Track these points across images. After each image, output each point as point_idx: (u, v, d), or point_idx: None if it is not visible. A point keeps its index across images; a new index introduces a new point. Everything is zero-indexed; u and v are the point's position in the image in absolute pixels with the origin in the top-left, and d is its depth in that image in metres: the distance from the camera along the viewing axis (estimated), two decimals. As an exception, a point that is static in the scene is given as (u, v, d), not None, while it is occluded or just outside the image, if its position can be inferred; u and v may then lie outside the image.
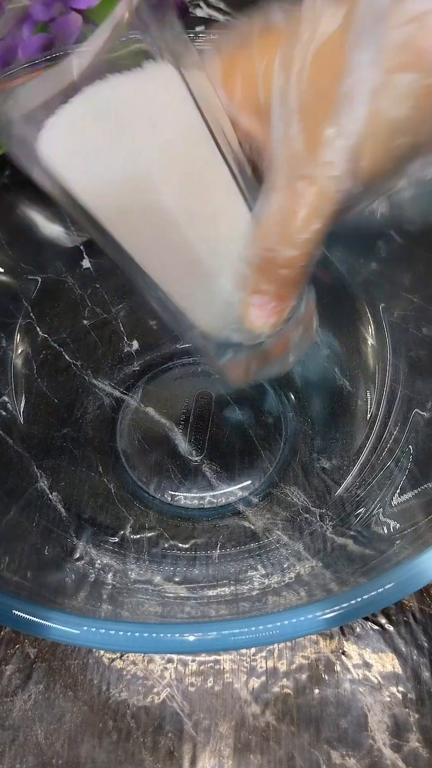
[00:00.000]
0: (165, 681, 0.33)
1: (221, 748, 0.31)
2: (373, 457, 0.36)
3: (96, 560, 0.34)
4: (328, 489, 0.37)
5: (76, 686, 0.33)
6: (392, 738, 0.32)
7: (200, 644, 0.21)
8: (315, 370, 0.41)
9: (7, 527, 0.33)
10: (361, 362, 0.40)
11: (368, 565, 0.28)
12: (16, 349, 0.41)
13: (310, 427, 0.40)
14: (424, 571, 0.23)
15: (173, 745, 0.31)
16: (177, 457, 0.40)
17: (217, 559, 0.35)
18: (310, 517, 0.36)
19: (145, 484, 0.39)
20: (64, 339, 0.42)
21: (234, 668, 0.33)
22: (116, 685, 0.33)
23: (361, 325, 0.40)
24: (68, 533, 0.36)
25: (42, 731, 0.32)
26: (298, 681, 0.33)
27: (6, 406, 0.39)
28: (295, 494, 0.38)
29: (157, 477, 0.39)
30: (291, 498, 0.37)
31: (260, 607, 0.30)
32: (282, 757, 0.31)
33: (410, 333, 0.37)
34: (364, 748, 0.31)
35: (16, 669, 0.33)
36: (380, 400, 0.38)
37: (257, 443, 0.40)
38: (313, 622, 0.22)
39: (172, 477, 0.39)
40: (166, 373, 0.44)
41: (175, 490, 0.39)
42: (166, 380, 0.44)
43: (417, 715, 0.32)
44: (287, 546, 0.35)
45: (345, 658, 0.34)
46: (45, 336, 0.42)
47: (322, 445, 0.39)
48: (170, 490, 0.39)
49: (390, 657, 0.34)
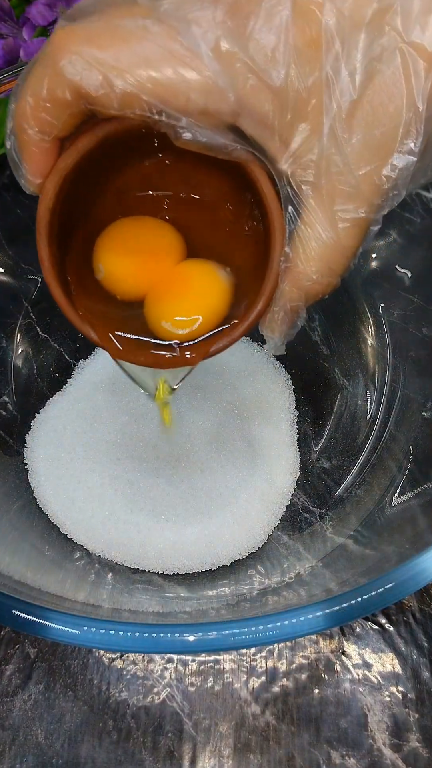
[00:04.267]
0: (165, 681, 0.33)
1: (221, 748, 0.31)
2: (373, 457, 0.36)
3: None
4: (328, 489, 0.37)
5: (76, 686, 0.33)
6: (392, 738, 0.32)
7: (200, 644, 0.22)
8: (315, 370, 0.42)
9: (7, 527, 0.33)
10: (361, 362, 0.40)
11: (368, 565, 0.28)
12: (16, 349, 0.41)
13: (310, 427, 0.40)
14: (424, 571, 0.23)
15: (173, 745, 0.31)
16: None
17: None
18: (310, 517, 0.36)
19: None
20: (64, 339, 0.42)
21: (234, 668, 0.33)
22: (116, 685, 0.33)
23: (361, 325, 0.40)
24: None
25: (42, 731, 0.32)
26: (298, 681, 0.33)
27: (6, 406, 0.39)
28: (295, 494, 0.38)
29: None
30: (291, 498, 0.37)
31: (260, 607, 0.30)
32: (282, 757, 0.31)
33: (410, 333, 0.37)
34: (364, 747, 0.31)
35: (16, 669, 0.33)
36: (380, 400, 0.38)
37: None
38: (313, 622, 0.22)
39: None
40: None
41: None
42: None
43: (417, 714, 0.32)
44: (287, 546, 0.35)
45: (345, 658, 0.34)
46: (45, 336, 0.42)
47: (322, 445, 0.39)
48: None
49: (390, 657, 0.34)
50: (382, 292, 0.39)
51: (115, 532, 0.35)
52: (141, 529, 0.35)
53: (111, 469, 0.37)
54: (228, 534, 0.35)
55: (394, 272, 0.38)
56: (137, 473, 0.37)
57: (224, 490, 0.37)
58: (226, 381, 0.41)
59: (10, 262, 0.40)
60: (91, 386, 0.41)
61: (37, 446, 0.38)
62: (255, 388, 0.41)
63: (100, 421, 0.39)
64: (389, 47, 0.18)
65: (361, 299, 0.40)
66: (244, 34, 0.18)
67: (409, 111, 0.19)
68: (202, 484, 0.37)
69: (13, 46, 0.39)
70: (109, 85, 0.18)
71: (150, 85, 0.18)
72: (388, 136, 0.19)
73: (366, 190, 0.20)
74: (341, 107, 0.19)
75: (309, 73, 0.19)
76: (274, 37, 0.18)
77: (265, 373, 0.42)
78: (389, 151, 0.19)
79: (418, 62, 0.18)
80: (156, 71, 0.18)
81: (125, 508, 0.36)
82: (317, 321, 0.42)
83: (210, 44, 0.18)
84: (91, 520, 0.35)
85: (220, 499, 0.37)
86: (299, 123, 0.19)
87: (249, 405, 0.40)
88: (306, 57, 0.18)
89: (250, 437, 0.39)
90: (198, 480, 0.37)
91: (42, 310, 0.41)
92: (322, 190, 0.20)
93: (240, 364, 0.42)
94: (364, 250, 0.22)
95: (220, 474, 0.38)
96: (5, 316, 0.41)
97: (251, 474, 0.38)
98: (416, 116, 0.19)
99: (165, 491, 0.37)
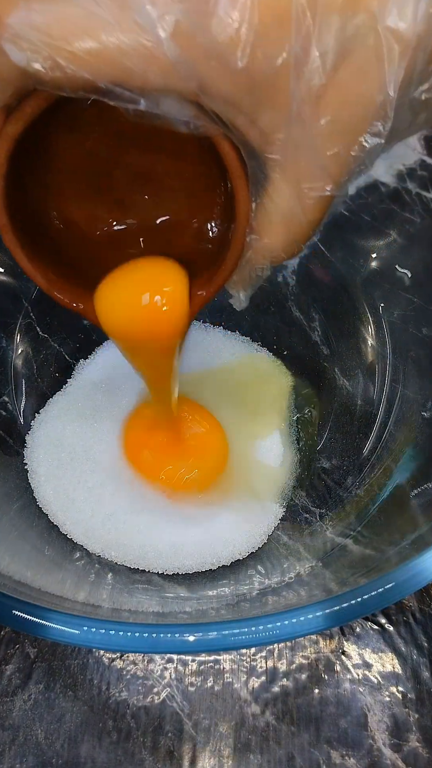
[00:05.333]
0: (165, 681, 0.33)
1: (221, 748, 0.31)
2: (373, 457, 0.36)
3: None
4: (328, 489, 0.37)
5: (76, 686, 0.33)
6: (392, 738, 0.32)
7: (200, 644, 0.22)
8: (315, 370, 0.42)
9: (7, 527, 0.33)
10: (361, 362, 0.40)
11: (368, 565, 0.28)
12: (16, 349, 0.41)
13: (310, 427, 0.40)
14: (424, 571, 0.23)
15: (173, 745, 0.31)
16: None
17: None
18: (310, 517, 0.36)
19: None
20: (64, 339, 0.42)
21: (234, 668, 0.33)
22: (116, 685, 0.33)
23: (361, 325, 0.40)
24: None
25: (42, 731, 0.32)
26: (298, 681, 0.33)
27: (6, 406, 0.39)
28: (295, 494, 0.38)
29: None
30: (291, 498, 0.37)
31: (260, 607, 0.30)
32: (282, 757, 0.31)
33: (410, 333, 0.37)
34: (363, 747, 0.31)
35: (16, 669, 0.33)
36: (380, 400, 0.38)
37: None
38: (313, 622, 0.22)
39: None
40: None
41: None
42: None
43: (417, 714, 0.32)
44: (287, 546, 0.35)
45: (345, 658, 0.34)
46: (45, 336, 0.42)
47: (322, 445, 0.39)
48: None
49: (390, 657, 0.34)
50: (382, 292, 0.39)
51: (115, 532, 0.35)
52: (141, 529, 0.35)
53: (111, 469, 0.37)
54: (228, 534, 0.35)
55: (394, 272, 0.38)
56: (137, 473, 0.37)
57: (224, 489, 0.37)
58: (226, 381, 0.41)
59: (10, 262, 0.40)
60: (91, 386, 0.41)
61: (37, 446, 0.38)
62: (254, 387, 0.41)
63: (100, 421, 0.39)
64: (363, 29, 0.17)
65: (361, 299, 0.40)
66: (206, 12, 0.17)
67: (380, 95, 0.18)
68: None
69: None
70: (59, 68, 0.17)
71: (106, 68, 0.17)
72: (357, 117, 0.18)
73: (333, 169, 0.19)
74: (310, 89, 0.18)
75: (277, 54, 0.17)
76: (239, 14, 0.17)
77: (265, 373, 0.42)
78: (358, 133, 0.19)
79: (393, 46, 0.17)
80: (110, 51, 0.17)
81: (125, 508, 0.36)
82: (317, 321, 0.42)
83: (168, 26, 0.17)
84: (91, 520, 0.35)
85: (219, 499, 0.37)
86: (266, 104, 0.18)
87: (248, 404, 0.40)
88: (274, 36, 0.17)
89: (250, 437, 0.39)
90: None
91: (42, 310, 0.41)
92: (289, 168, 0.20)
93: (240, 363, 0.42)
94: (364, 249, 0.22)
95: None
96: (5, 316, 0.41)
97: (251, 474, 0.38)
98: (387, 100, 0.18)
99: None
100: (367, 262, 0.39)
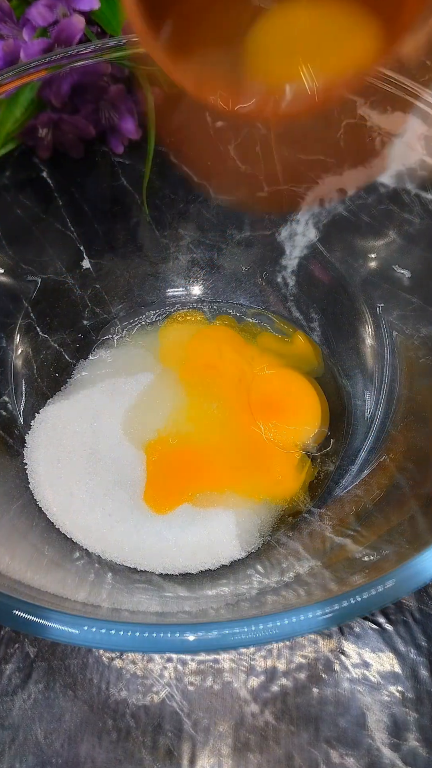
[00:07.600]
0: (164, 680, 0.33)
1: (220, 748, 0.31)
2: (373, 457, 0.36)
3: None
4: (328, 489, 0.37)
5: (76, 685, 0.33)
6: (391, 737, 0.32)
7: (200, 644, 0.22)
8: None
9: (7, 527, 0.33)
10: (360, 362, 0.40)
11: (368, 565, 0.28)
12: (16, 349, 0.41)
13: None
14: (423, 571, 0.23)
15: (172, 745, 0.31)
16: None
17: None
18: (309, 517, 0.36)
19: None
20: (64, 339, 0.42)
21: (233, 667, 0.33)
22: (116, 684, 0.33)
23: (360, 325, 0.40)
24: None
25: (42, 730, 0.32)
26: (297, 680, 0.33)
27: (6, 406, 0.39)
28: (294, 494, 0.38)
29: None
30: (291, 498, 0.37)
31: (260, 606, 0.30)
32: (281, 757, 0.31)
33: (409, 333, 0.37)
34: (362, 747, 0.31)
35: (16, 668, 0.33)
36: (379, 400, 0.38)
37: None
38: (313, 622, 0.22)
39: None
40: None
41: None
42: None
43: (416, 714, 0.32)
44: (286, 546, 0.35)
45: (344, 657, 0.34)
46: (45, 336, 0.42)
47: (322, 445, 0.39)
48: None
49: (389, 656, 0.34)
50: (381, 292, 0.39)
51: (115, 532, 0.35)
52: (141, 529, 0.35)
53: (111, 468, 0.38)
54: (227, 534, 0.35)
55: (393, 272, 0.38)
56: (137, 473, 0.37)
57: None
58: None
59: (10, 262, 0.40)
60: (91, 386, 0.41)
61: (37, 446, 0.38)
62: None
63: (100, 421, 0.39)
64: None
65: (361, 299, 0.40)
66: None
67: None
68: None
69: (13, 47, 0.39)
70: None
71: None
72: None
73: None
74: None
75: None
76: None
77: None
78: None
79: None
80: None
81: (125, 508, 0.36)
82: (317, 321, 0.42)
83: None
84: (91, 520, 0.36)
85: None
86: None
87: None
88: None
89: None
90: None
91: (42, 310, 0.41)
92: None
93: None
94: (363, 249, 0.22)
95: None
96: (5, 316, 0.41)
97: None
98: None
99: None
100: (367, 263, 0.39)
